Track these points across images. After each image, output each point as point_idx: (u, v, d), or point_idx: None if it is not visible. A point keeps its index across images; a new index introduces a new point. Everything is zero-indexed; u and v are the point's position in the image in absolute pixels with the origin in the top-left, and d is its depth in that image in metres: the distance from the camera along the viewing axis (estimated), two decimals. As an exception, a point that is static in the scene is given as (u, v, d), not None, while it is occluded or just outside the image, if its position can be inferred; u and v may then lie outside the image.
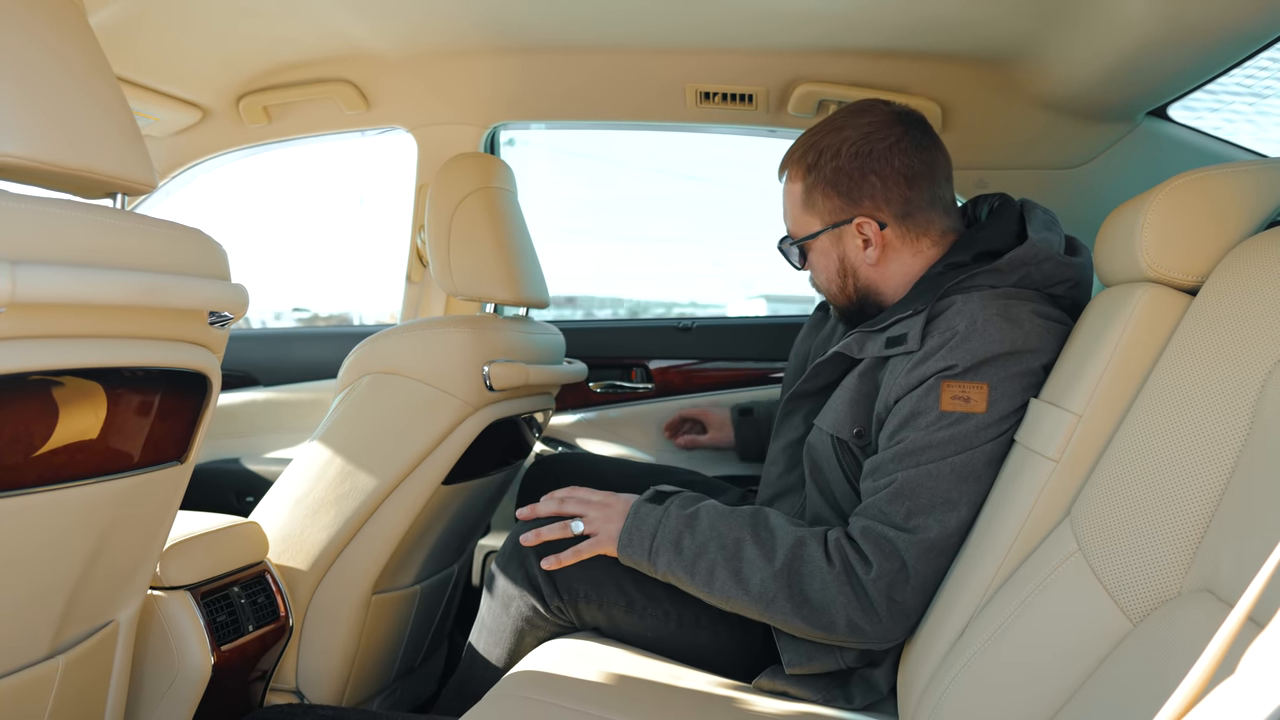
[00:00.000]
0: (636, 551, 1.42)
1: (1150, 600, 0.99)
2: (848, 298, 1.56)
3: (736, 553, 1.37)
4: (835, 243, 1.53)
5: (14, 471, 1.00)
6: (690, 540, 1.40)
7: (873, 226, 1.48)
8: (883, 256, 1.50)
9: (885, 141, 1.46)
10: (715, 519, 1.41)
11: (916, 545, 1.30)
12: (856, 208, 1.49)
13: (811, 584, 1.33)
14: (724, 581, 1.37)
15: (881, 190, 1.47)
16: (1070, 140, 1.98)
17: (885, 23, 1.79)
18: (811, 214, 1.53)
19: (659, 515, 1.43)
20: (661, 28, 1.92)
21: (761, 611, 1.37)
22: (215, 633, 1.51)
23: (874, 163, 1.47)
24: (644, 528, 1.43)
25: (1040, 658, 1.08)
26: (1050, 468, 1.18)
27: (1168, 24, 1.45)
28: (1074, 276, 1.41)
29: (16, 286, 0.87)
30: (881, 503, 1.33)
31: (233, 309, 1.19)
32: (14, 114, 0.96)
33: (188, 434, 1.25)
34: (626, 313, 19.28)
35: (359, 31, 2.01)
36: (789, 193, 1.57)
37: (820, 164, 1.50)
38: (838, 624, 1.33)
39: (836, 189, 1.49)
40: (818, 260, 1.56)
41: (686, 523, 1.41)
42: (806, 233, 1.55)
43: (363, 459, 1.73)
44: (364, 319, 16.22)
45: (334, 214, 26.29)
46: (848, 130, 1.49)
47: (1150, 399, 1.09)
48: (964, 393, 1.31)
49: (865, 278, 1.53)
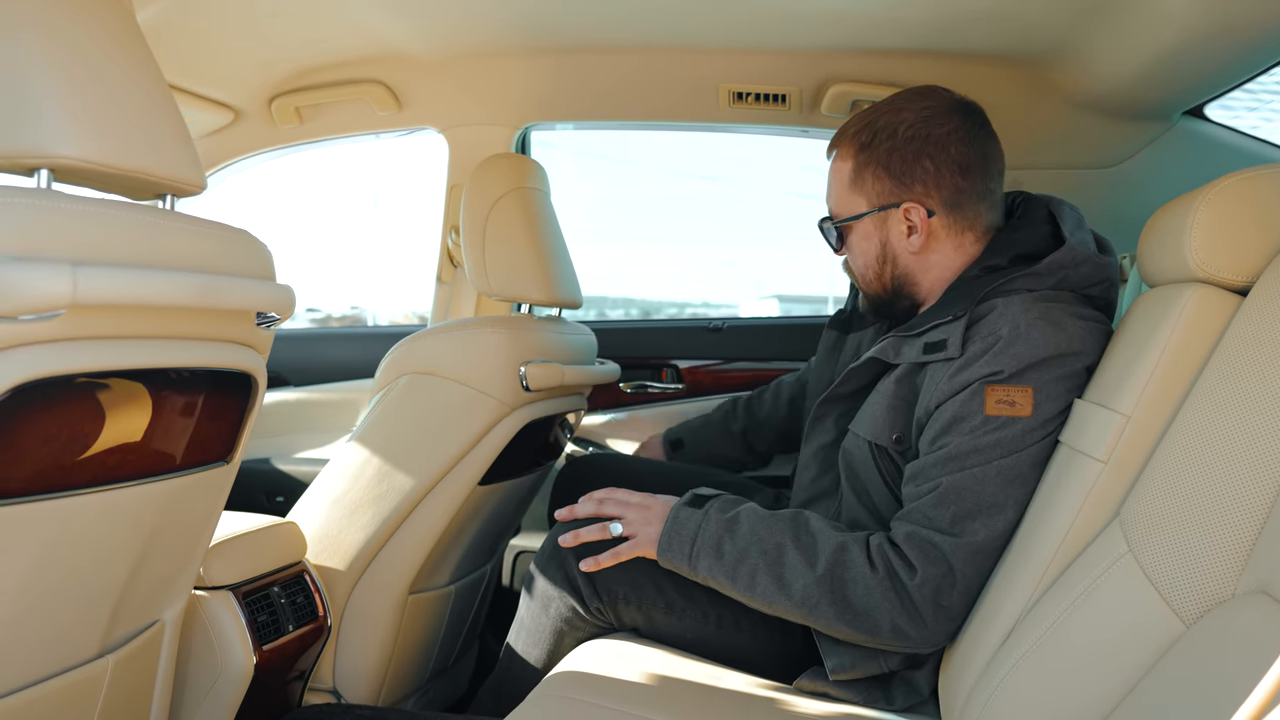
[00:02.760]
0: (677, 555, 1.42)
1: (1204, 602, 0.98)
2: (883, 286, 1.54)
3: (778, 558, 1.37)
4: (879, 226, 1.51)
5: (68, 472, 1.01)
6: (731, 545, 1.39)
7: (920, 213, 1.46)
8: (925, 246, 1.48)
9: (943, 128, 1.45)
10: (756, 523, 1.41)
11: (963, 549, 1.30)
12: (907, 192, 1.47)
13: (855, 589, 1.33)
14: (766, 586, 1.37)
15: (934, 176, 1.45)
16: (1105, 140, 1.97)
17: (919, 21, 1.78)
18: (859, 194, 1.51)
19: (699, 519, 1.43)
20: (695, 27, 1.92)
21: (804, 616, 1.36)
22: (257, 632, 1.51)
23: (930, 148, 1.45)
24: (684, 532, 1.42)
25: (1091, 660, 1.07)
26: (1098, 469, 1.18)
27: (1210, 20, 1.44)
28: (1109, 277, 1.41)
29: (78, 288, 0.88)
30: (926, 507, 1.32)
31: (280, 310, 1.19)
32: (69, 116, 0.96)
33: (234, 434, 1.25)
34: (639, 313, 19.35)
35: (394, 32, 2.01)
36: (837, 171, 1.55)
37: (874, 144, 1.48)
38: (882, 628, 1.32)
39: (889, 171, 1.47)
40: (858, 243, 1.55)
41: (727, 527, 1.41)
42: (851, 213, 1.53)
43: (400, 459, 1.74)
44: (376, 318, 16.31)
45: (347, 213, 26.42)
46: (906, 112, 1.47)
47: (1201, 399, 1.08)
48: (1009, 397, 1.30)
49: (904, 266, 1.51)
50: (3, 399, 0.89)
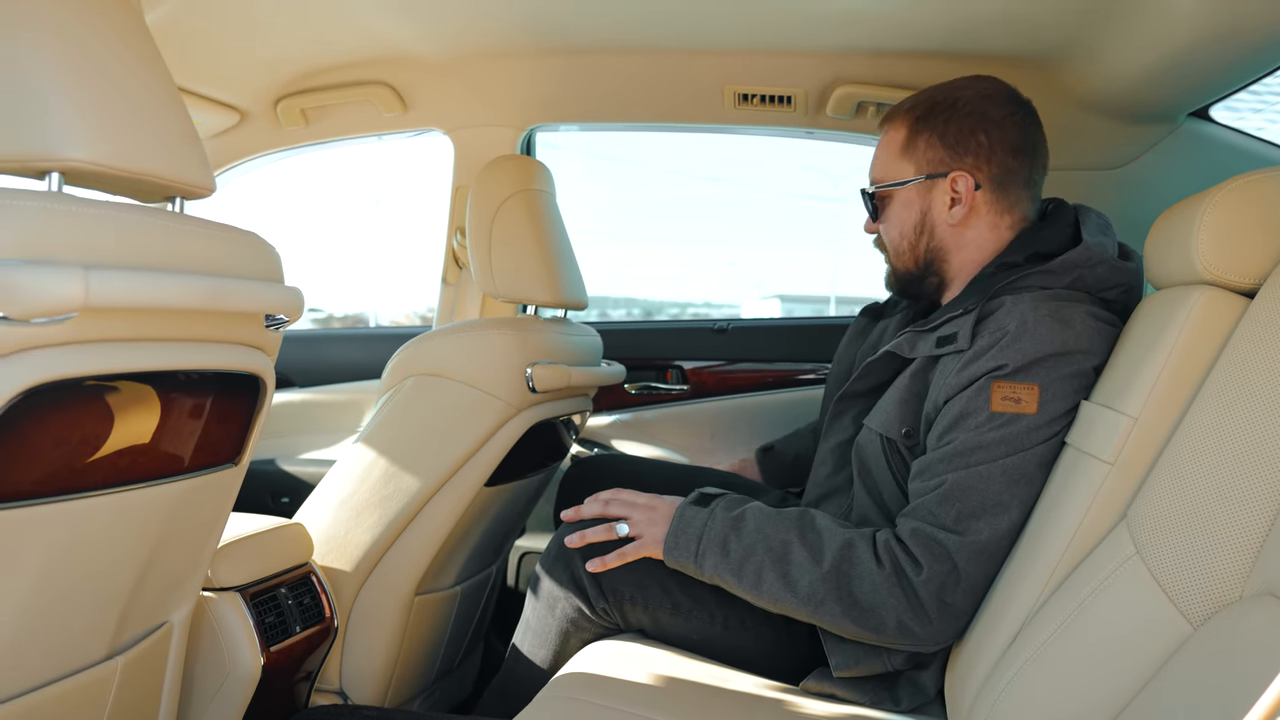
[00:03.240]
0: (683, 554, 1.42)
1: (1211, 604, 0.98)
2: (915, 259, 1.54)
3: (784, 555, 1.37)
4: (923, 194, 1.51)
5: (79, 475, 1.01)
6: (737, 543, 1.40)
7: (968, 183, 1.47)
8: (965, 220, 1.49)
9: (1001, 110, 1.48)
10: (761, 521, 1.41)
11: (967, 547, 1.30)
12: (957, 162, 1.48)
13: (861, 586, 1.33)
14: (772, 584, 1.37)
15: (987, 150, 1.47)
16: (1110, 141, 1.97)
17: (928, 23, 1.78)
18: (908, 160, 1.51)
19: (704, 518, 1.43)
20: (703, 29, 1.93)
21: (810, 613, 1.36)
22: (264, 634, 1.52)
23: (986, 124, 1.47)
24: (689, 531, 1.43)
25: (1099, 661, 1.07)
26: (1105, 470, 1.18)
27: (1219, 22, 1.44)
28: (1127, 282, 1.40)
29: (89, 291, 0.88)
30: (931, 504, 1.33)
31: (289, 312, 1.20)
32: (80, 119, 0.96)
33: (242, 436, 1.26)
34: (641, 312, 19.34)
35: (401, 34, 2.02)
36: (888, 141, 1.55)
37: (932, 115, 1.49)
38: (887, 625, 1.33)
39: (943, 140, 1.48)
40: (897, 212, 1.54)
41: (732, 525, 1.41)
42: (897, 179, 1.53)
43: (407, 461, 1.74)
44: (378, 318, 16.29)
45: (349, 214, 26.42)
46: (967, 90, 1.49)
47: (1209, 401, 1.08)
48: (1015, 394, 1.30)
49: (940, 239, 1.51)
50: (15, 402, 0.89)
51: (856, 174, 1.69)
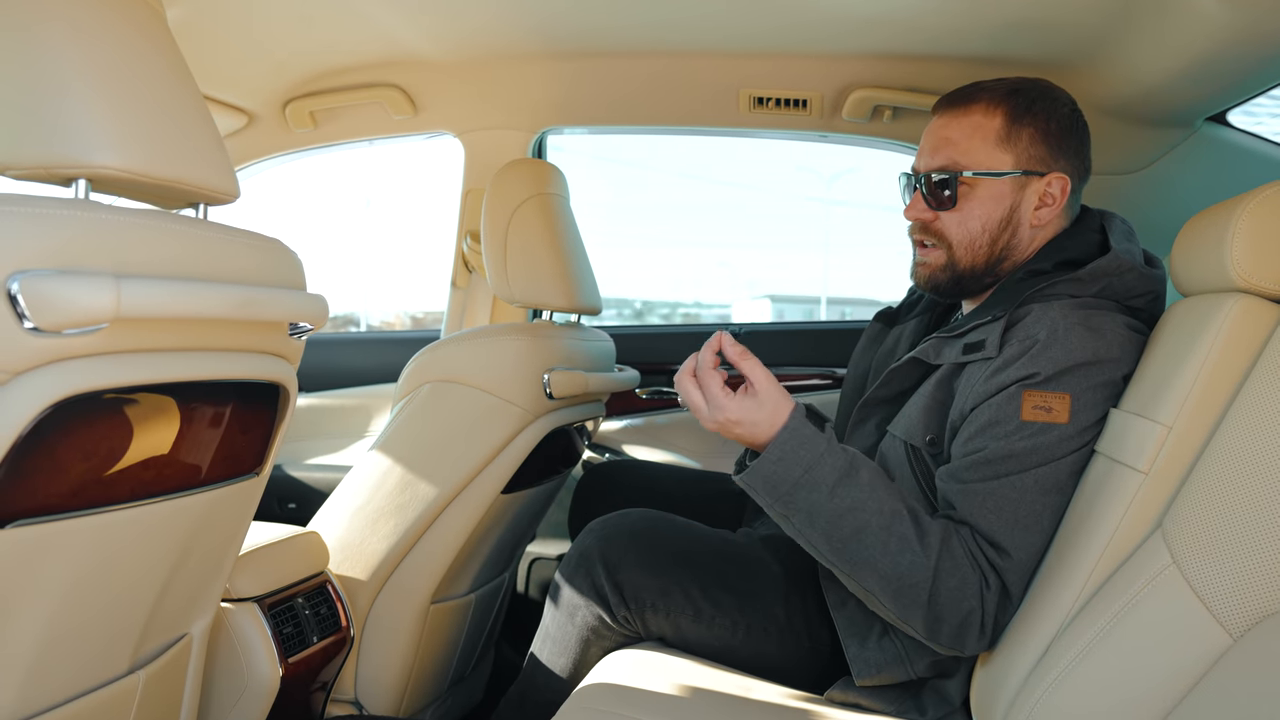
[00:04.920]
0: (788, 470, 1.25)
1: (1251, 615, 0.98)
2: (989, 254, 1.47)
3: (889, 523, 1.27)
4: (1017, 190, 1.45)
5: (106, 487, 0.99)
6: (847, 490, 1.26)
7: (1064, 186, 1.45)
8: (1047, 220, 1.47)
9: (1080, 115, 1.49)
10: (874, 477, 1.29)
11: (1015, 569, 1.28)
12: (1057, 163, 1.45)
13: (949, 582, 1.26)
14: (869, 546, 1.25)
15: (1080, 157, 1.48)
16: (1128, 145, 1.96)
17: (948, 27, 1.77)
18: (1007, 152, 1.44)
19: (822, 447, 1.27)
20: (718, 32, 1.91)
21: (885, 590, 1.27)
22: (282, 645, 1.50)
23: (1081, 130, 1.48)
24: (802, 452, 1.26)
25: (1136, 672, 1.06)
26: (1139, 480, 1.16)
27: (1241, 27, 1.43)
28: (1155, 289, 1.39)
29: (121, 301, 0.86)
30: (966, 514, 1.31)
31: (314, 320, 1.18)
32: (107, 125, 0.95)
33: (264, 446, 1.24)
34: (632, 313, 19.33)
35: (412, 36, 2.00)
36: (980, 125, 1.45)
37: (1035, 109, 1.44)
38: (949, 625, 1.27)
39: (1048, 137, 1.44)
40: (981, 205, 1.46)
41: (848, 469, 1.27)
42: (994, 169, 1.45)
43: (423, 468, 1.72)
44: (369, 319, 16.10)
45: (340, 215, 26.35)
46: (1059, 94, 1.47)
47: (1245, 409, 1.07)
48: (1045, 403, 1.29)
49: (1020, 237, 1.47)
50: (45, 414, 0.87)
51: (849, 175, 1.67)
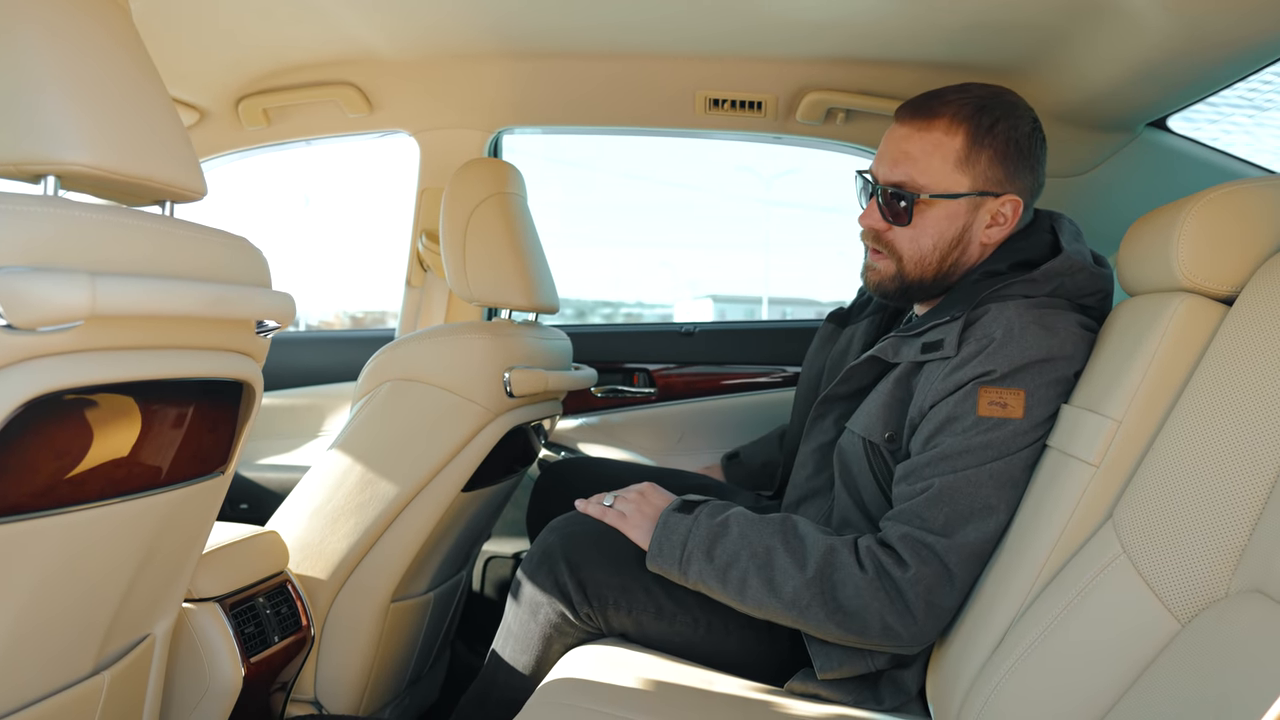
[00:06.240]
0: (667, 560, 1.43)
1: (1198, 601, 1.02)
2: (939, 269, 1.50)
3: (768, 561, 1.39)
4: (971, 210, 1.47)
5: (75, 486, 0.98)
6: (721, 549, 1.41)
7: (1017, 207, 1.47)
8: (996, 239, 1.49)
9: (1039, 130, 1.50)
10: (745, 526, 1.42)
11: (957, 550, 1.32)
12: (1013, 184, 1.47)
13: (845, 590, 1.35)
14: (756, 589, 1.38)
15: (1034, 179, 1.49)
16: (1072, 149, 2.01)
17: (900, 31, 1.80)
18: (965, 174, 1.46)
19: (689, 525, 1.44)
20: (674, 34, 1.93)
21: (795, 618, 1.38)
22: (244, 644, 1.49)
23: (1039, 151, 1.49)
24: (674, 538, 1.44)
25: (1089, 659, 1.10)
26: (1090, 472, 1.21)
27: (1184, 37, 1.48)
28: (1104, 288, 1.44)
29: (97, 298, 0.86)
30: (919, 508, 1.35)
31: (282, 318, 1.18)
32: (76, 121, 0.94)
33: (229, 444, 1.24)
34: (574, 313, 19.32)
35: (368, 34, 1.99)
36: (940, 144, 1.45)
37: (996, 130, 1.45)
38: (871, 628, 1.34)
39: (1006, 160, 1.45)
40: (935, 224, 1.48)
41: (718, 531, 1.42)
42: (950, 190, 1.46)
43: (384, 466, 1.72)
44: (307, 318, 15.85)
45: (279, 212, 25.96)
46: (1022, 110, 1.48)
47: (1191, 404, 1.12)
48: (1001, 398, 1.33)
49: (970, 255, 1.49)
50: (17, 413, 0.87)
51: (789, 175, 1.70)
